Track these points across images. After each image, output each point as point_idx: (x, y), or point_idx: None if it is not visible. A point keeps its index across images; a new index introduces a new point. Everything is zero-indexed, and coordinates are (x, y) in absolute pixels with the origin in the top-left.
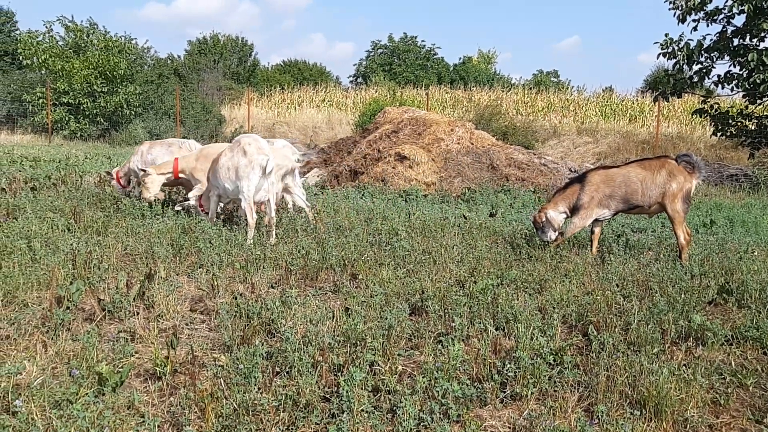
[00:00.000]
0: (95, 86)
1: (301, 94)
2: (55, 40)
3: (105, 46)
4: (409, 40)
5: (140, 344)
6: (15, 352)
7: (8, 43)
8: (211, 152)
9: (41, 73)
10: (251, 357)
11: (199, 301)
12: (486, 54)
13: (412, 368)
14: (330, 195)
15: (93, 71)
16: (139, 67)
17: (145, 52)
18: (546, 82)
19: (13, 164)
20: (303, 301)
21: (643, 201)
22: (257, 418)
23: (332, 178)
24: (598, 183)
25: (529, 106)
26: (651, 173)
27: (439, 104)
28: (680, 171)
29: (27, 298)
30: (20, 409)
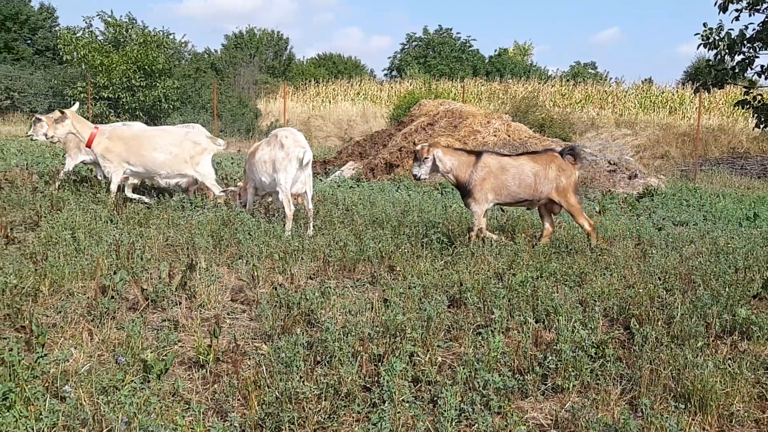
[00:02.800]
0: (134, 81)
1: (336, 88)
2: (94, 36)
3: (143, 41)
4: (444, 33)
5: (183, 333)
6: (62, 339)
7: (49, 38)
8: (124, 134)
9: (81, 68)
10: (292, 346)
11: (240, 292)
12: (522, 46)
13: (452, 359)
14: (366, 188)
15: (132, 66)
16: (176, 61)
17: (183, 46)
18: (584, 74)
19: (55, 157)
20: (341, 292)
21: (534, 196)
22: (299, 406)
23: (367, 171)
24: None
25: (566, 98)
26: (544, 168)
27: (475, 97)
28: (567, 165)
29: (73, 287)
30: (69, 394)
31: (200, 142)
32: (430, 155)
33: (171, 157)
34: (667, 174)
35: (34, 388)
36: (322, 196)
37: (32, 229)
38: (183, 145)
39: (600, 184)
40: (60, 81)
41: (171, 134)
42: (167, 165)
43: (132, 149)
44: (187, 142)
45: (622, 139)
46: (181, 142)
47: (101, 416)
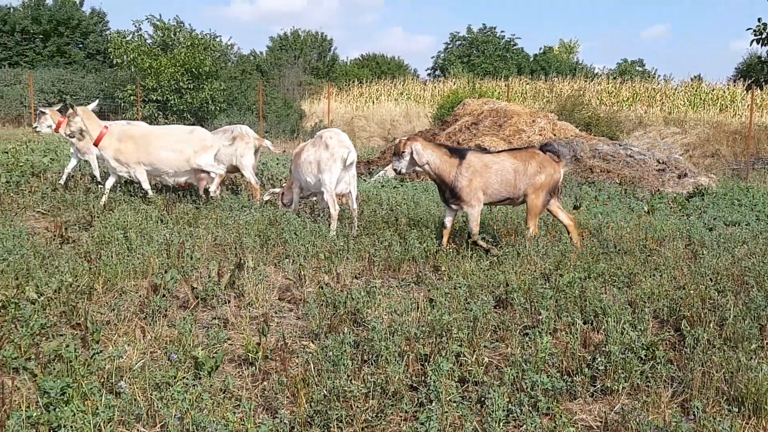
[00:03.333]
0: (182, 83)
1: (379, 88)
2: (143, 39)
3: (191, 44)
4: (488, 31)
5: (232, 331)
6: (116, 336)
7: (100, 42)
8: (133, 134)
9: (131, 71)
10: (340, 345)
11: (287, 290)
12: (567, 43)
13: (498, 360)
14: (409, 187)
15: (180, 68)
16: (223, 63)
17: (229, 49)
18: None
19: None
20: (387, 292)
21: (514, 194)
22: (347, 405)
23: None
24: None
25: (613, 96)
26: (523, 164)
27: (519, 95)
28: (549, 162)
29: (125, 285)
30: (124, 390)
31: (206, 139)
32: (408, 149)
33: (178, 155)
34: (717, 173)
35: (90, 384)
36: (366, 196)
37: (86, 229)
38: (190, 142)
39: (648, 183)
40: (110, 84)
41: (178, 132)
42: (175, 163)
43: (141, 148)
44: (194, 138)
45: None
46: (189, 139)
47: (155, 411)
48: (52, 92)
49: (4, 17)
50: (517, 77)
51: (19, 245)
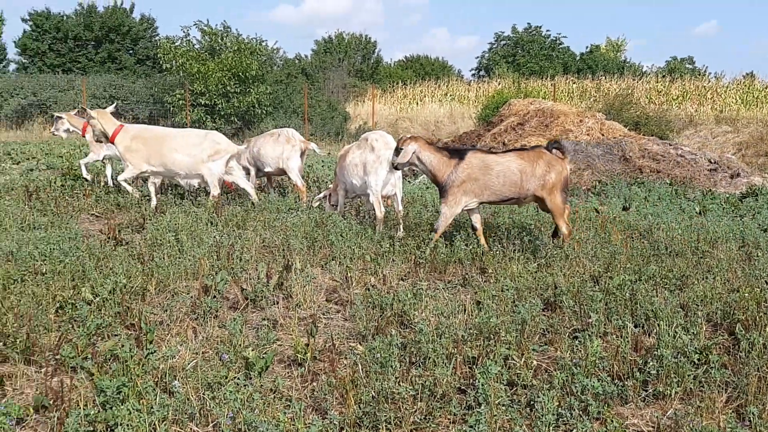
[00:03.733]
0: (229, 87)
1: (423, 89)
2: (192, 44)
3: (238, 49)
4: (534, 30)
5: (281, 332)
6: (169, 336)
7: (149, 48)
8: (146, 135)
9: (179, 76)
10: (387, 347)
11: (334, 292)
12: (615, 42)
13: (547, 363)
14: None
15: (227, 73)
16: (269, 67)
17: (275, 53)
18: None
19: None
20: (433, 294)
21: (520, 194)
22: (395, 406)
23: None
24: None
25: (662, 95)
26: (530, 164)
27: (566, 95)
28: (557, 160)
29: (177, 286)
30: (177, 389)
31: (220, 142)
32: (407, 146)
33: (190, 158)
34: None
35: (145, 383)
36: (411, 198)
37: (138, 231)
38: (202, 146)
39: (700, 183)
40: (160, 89)
41: (191, 136)
42: (186, 165)
43: (153, 149)
44: (207, 142)
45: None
46: (201, 143)
47: (207, 411)
48: (104, 97)
49: (58, 25)
50: (563, 76)
51: (74, 247)
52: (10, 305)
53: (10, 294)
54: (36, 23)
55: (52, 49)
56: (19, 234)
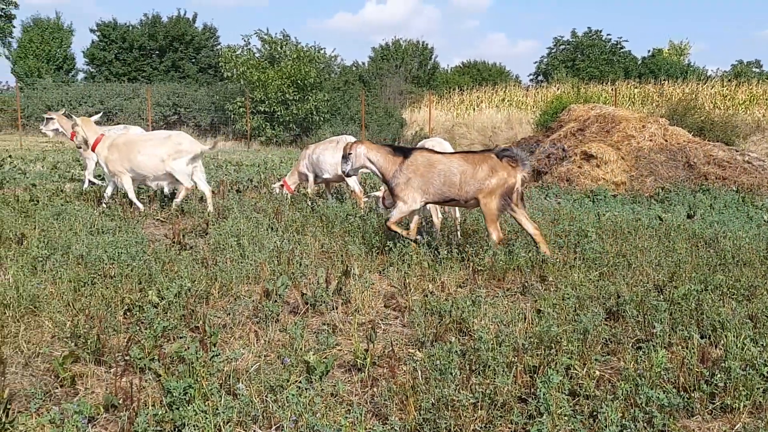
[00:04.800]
0: (288, 95)
1: (480, 95)
2: (252, 53)
3: (297, 57)
4: (594, 35)
5: (340, 336)
6: (232, 339)
7: (211, 57)
8: (118, 142)
9: (240, 84)
10: (447, 354)
11: (392, 298)
12: (678, 45)
13: (610, 374)
14: None
15: (286, 81)
16: (327, 75)
17: (333, 60)
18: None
19: (219, 168)
20: (492, 302)
21: (460, 195)
22: (456, 414)
23: None
24: (417, 167)
25: (728, 100)
26: (473, 167)
27: (627, 100)
28: (503, 167)
29: (239, 290)
30: (242, 391)
31: (182, 143)
32: (353, 151)
33: (153, 159)
34: None
35: (210, 385)
36: None
37: (202, 236)
38: (164, 147)
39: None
40: (221, 96)
41: (154, 138)
42: (151, 167)
43: (123, 155)
44: (168, 143)
45: None
46: (163, 144)
47: (270, 414)
48: (167, 105)
49: (124, 35)
50: (624, 81)
51: (141, 251)
52: (81, 307)
53: (81, 296)
54: (103, 33)
55: (119, 59)
56: (89, 238)
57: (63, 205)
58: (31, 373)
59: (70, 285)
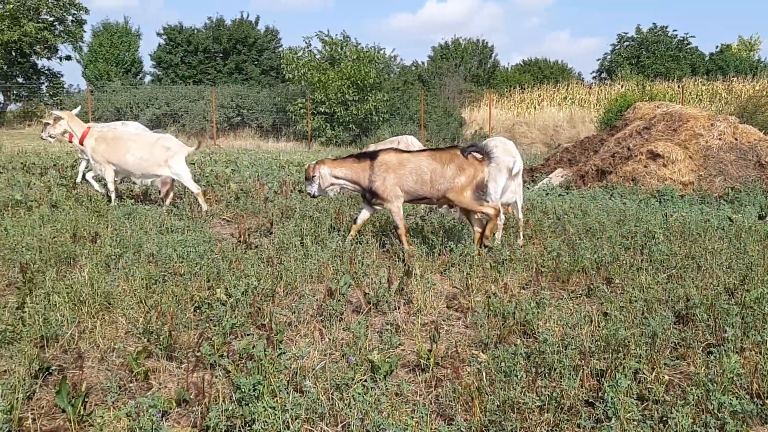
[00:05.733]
0: (348, 95)
1: (542, 93)
2: (313, 55)
3: (357, 57)
4: (659, 31)
5: (403, 336)
6: (297, 337)
7: (273, 59)
8: (107, 136)
9: (301, 85)
10: (512, 356)
11: (454, 299)
12: (747, 41)
13: (680, 379)
14: (576, 195)
15: (346, 81)
16: (386, 75)
17: (392, 60)
18: None
19: (281, 169)
20: (557, 304)
21: (431, 194)
22: (521, 417)
23: (577, 178)
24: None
25: None
26: (441, 166)
27: (694, 97)
28: (470, 164)
29: (303, 289)
30: (309, 389)
31: (170, 147)
32: (317, 173)
33: (141, 161)
34: None
35: (278, 382)
36: (531, 204)
37: (266, 236)
38: (152, 150)
39: None
40: (282, 98)
41: (142, 140)
42: (139, 167)
43: (111, 150)
44: (157, 147)
45: None
46: (151, 147)
47: (336, 411)
48: (231, 107)
49: (189, 38)
50: (691, 78)
51: (209, 250)
52: (153, 304)
53: (153, 293)
54: (170, 37)
55: (184, 61)
56: (159, 237)
57: (133, 204)
58: (107, 368)
59: (142, 282)
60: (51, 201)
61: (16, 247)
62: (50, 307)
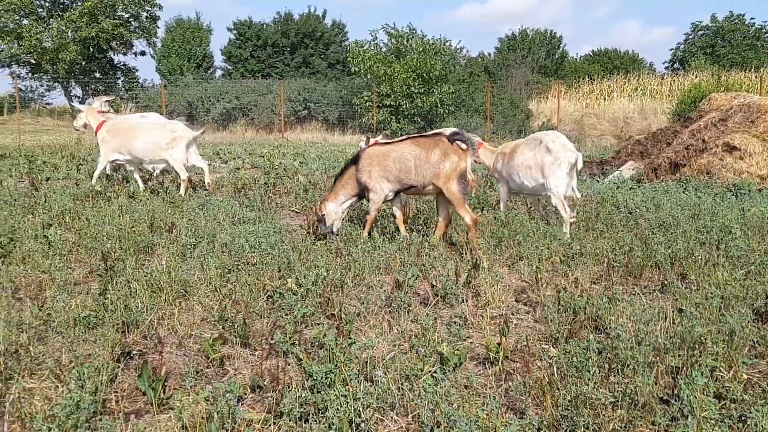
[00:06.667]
0: (413, 88)
1: (611, 84)
2: (379, 48)
3: (423, 50)
4: (736, 19)
5: (471, 329)
6: (366, 327)
7: (340, 52)
8: (121, 127)
9: (367, 79)
10: (584, 351)
11: (522, 293)
12: None
13: (759, 378)
14: (648, 189)
15: (411, 74)
16: (452, 67)
17: (458, 52)
18: None
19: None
20: (629, 299)
21: (417, 181)
22: (594, 412)
23: (649, 171)
24: (372, 158)
25: None
26: (425, 151)
27: None
28: (454, 150)
29: (371, 280)
30: (380, 378)
31: (176, 131)
32: (324, 210)
33: (148, 145)
34: None
35: (349, 371)
36: (601, 197)
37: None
38: (160, 135)
39: None
40: (348, 91)
41: (150, 126)
42: (147, 152)
43: (121, 140)
44: (164, 131)
45: None
46: (159, 132)
47: (406, 402)
48: (298, 101)
49: (258, 33)
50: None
51: (280, 241)
52: (227, 292)
53: (227, 282)
54: (239, 32)
55: (253, 56)
56: (232, 227)
57: (207, 196)
58: (184, 353)
59: (217, 271)
60: (128, 192)
61: (97, 236)
62: (130, 294)
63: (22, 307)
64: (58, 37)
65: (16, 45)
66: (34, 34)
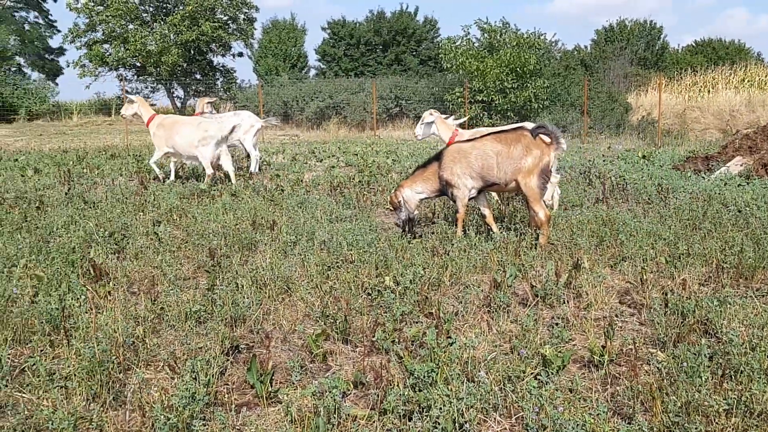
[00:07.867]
0: (506, 83)
1: (716, 76)
2: (471, 43)
3: (516, 44)
4: None
5: (573, 331)
6: (465, 327)
7: (431, 49)
8: (166, 122)
9: (459, 74)
10: (695, 356)
11: (626, 294)
12: None
13: None
14: (758, 186)
15: (504, 69)
16: (547, 61)
17: (553, 45)
18: None
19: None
20: (741, 302)
21: (500, 178)
22: (706, 419)
23: (759, 167)
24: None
25: None
26: (507, 147)
27: None
28: (537, 145)
29: (468, 279)
30: (483, 379)
31: (208, 129)
32: (400, 197)
33: (185, 142)
34: None
35: (451, 370)
36: (708, 195)
37: (429, 225)
38: (194, 132)
39: None
40: (440, 87)
41: (189, 122)
42: (184, 148)
43: (166, 135)
44: (198, 129)
45: None
46: (193, 129)
47: (510, 404)
48: (390, 98)
49: (351, 32)
50: None
51: (376, 239)
52: (328, 289)
53: (327, 279)
54: (333, 31)
55: (346, 54)
56: (330, 225)
57: (305, 194)
58: (289, 348)
59: (317, 268)
60: (231, 190)
61: (204, 233)
62: (237, 289)
63: (137, 301)
64: (161, 40)
65: (122, 48)
66: (139, 38)
